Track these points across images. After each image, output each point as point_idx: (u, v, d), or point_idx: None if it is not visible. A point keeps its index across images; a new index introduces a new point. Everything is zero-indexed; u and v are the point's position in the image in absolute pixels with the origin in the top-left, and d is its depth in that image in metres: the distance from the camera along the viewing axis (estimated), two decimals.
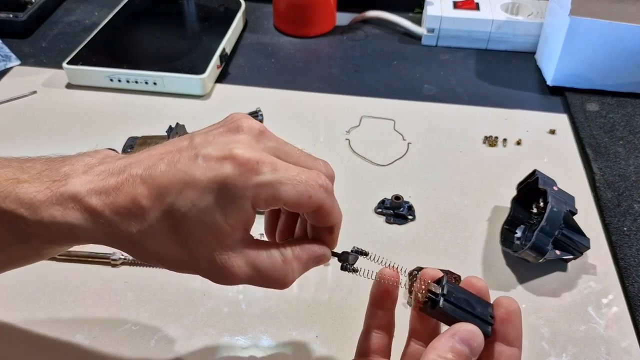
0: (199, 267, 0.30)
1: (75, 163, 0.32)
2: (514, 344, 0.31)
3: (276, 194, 0.28)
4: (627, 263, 0.53)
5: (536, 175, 0.54)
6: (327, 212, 0.31)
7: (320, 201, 0.30)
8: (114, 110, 0.72)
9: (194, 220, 0.28)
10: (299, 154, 0.32)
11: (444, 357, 0.28)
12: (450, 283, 0.31)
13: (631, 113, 0.71)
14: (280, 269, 0.31)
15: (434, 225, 0.57)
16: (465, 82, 0.79)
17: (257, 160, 0.28)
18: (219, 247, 0.29)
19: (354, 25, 0.91)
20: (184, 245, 0.29)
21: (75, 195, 0.29)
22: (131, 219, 0.29)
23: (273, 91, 0.76)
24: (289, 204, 0.29)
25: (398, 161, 0.65)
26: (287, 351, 0.46)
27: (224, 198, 0.28)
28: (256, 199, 0.28)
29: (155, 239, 0.29)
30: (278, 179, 0.28)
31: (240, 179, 0.28)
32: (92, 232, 0.30)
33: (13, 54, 0.81)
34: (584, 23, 0.69)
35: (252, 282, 0.30)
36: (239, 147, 0.28)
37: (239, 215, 0.29)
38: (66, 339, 0.46)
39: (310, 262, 0.32)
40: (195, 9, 0.89)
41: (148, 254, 0.30)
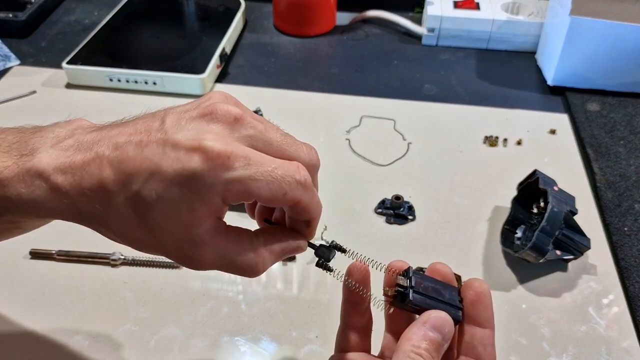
0: (167, 252, 0.29)
1: (45, 135, 0.31)
2: (486, 325, 0.31)
3: (248, 190, 0.27)
4: (627, 263, 0.53)
5: (536, 175, 0.54)
6: (304, 208, 0.30)
7: (295, 198, 0.29)
8: (113, 110, 0.72)
9: (159, 210, 0.27)
10: (279, 142, 0.29)
11: (417, 346, 0.28)
12: (416, 273, 0.31)
13: (632, 113, 0.71)
14: (250, 260, 0.30)
15: (434, 225, 0.57)
16: (466, 82, 0.78)
17: (228, 154, 0.26)
18: (186, 236, 0.28)
19: (354, 25, 0.91)
20: (150, 232, 0.28)
21: (41, 172, 0.29)
22: (96, 201, 0.28)
23: (273, 91, 0.76)
24: (262, 200, 0.28)
25: (398, 161, 0.65)
26: (287, 351, 0.46)
27: (191, 192, 0.27)
28: (226, 194, 0.27)
29: (121, 222, 0.28)
30: (250, 175, 0.27)
31: (209, 175, 0.26)
32: (59, 210, 0.29)
33: (12, 53, 0.81)
34: (584, 23, 0.69)
35: (220, 269, 0.30)
36: (210, 139, 0.27)
37: (207, 209, 0.27)
38: (66, 339, 0.46)
39: (283, 254, 0.31)
40: (195, 9, 0.89)
41: (114, 234, 0.29)
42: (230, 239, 0.29)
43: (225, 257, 0.29)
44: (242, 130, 0.28)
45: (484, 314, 0.31)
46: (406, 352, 0.28)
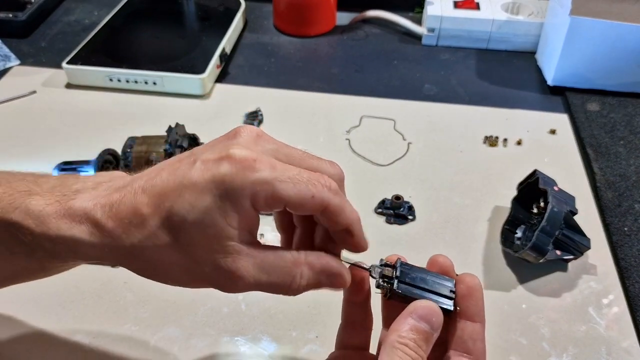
0: (204, 274, 0.29)
1: (86, 181, 0.32)
2: (476, 320, 0.31)
3: (276, 192, 0.28)
4: (627, 263, 0.53)
5: (536, 175, 0.54)
6: (336, 212, 0.30)
7: (324, 200, 0.29)
8: (113, 110, 0.72)
9: (194, 222, 0.28)
10: (301, 155, 0.31)
11: (404, 336, 0.28)
12: (405, 265, 0.31)
13: (632, 113, 0.71)
14: (288, 270, 0.30)
15: (434, 225, 0.57)
16: (466, 82, 0.78)
17: (254, 158, 0.28)
18: (223, 249, 0.28)
19: (354, 25, 0.91)
20: (185, 252, 0.29)
21: (83, 209, 0.30)
22: (133, 229, 0.29)
23: (273, 91, 0.76)
24: (291, 203, 0.28)
25: (398, 161, 0.65)
26: (287, 351, 0.46)
27: (222, 197, 0.27)
28: (255, 197, 0.28)
29: (157, 247, 0.29)
30: (277, 177, 0.28)
31: (238, 176, 0.27)
32: (96, 246, 0.30)
33: (12, 53, 0.81)
34: (584, 23, 0.69)
35: (259, 284, 0.29)
36: (236, 148, 0.28)
37: (240, 216, 0.28)
38: (66, 339, 0.46)
39: (324, 275, 0.31)
40: (195, 9, 0.89)
41: (152, 267, 0.30)
42: (267, 250, 0.30)
43: (263, 268, 0.29)
44: (265, 145, 0.30)
45: (475, 307, 0.31)
46: (392, 343, 0.28)
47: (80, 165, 0.58)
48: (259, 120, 0.70)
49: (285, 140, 0.72)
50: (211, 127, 0.69)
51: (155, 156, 0.54)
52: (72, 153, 0.62)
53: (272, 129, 0.69)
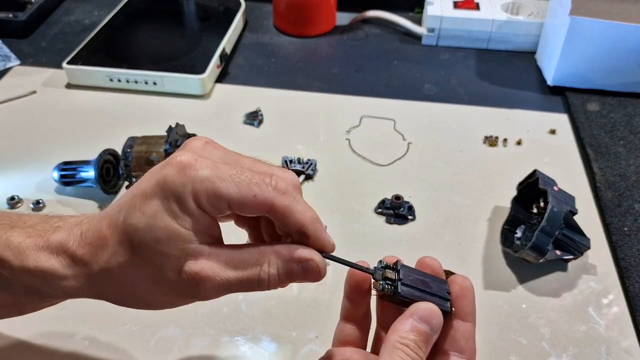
0: (170, 284, 0.29)
1: (69, 219, 0.33)
2: (468, 319, 0.31)
3: (216, 189, 0.28)
4: (627, 263, 0.53)
5: (536, 175, 0.54)
6: (284, 213, 0.29)
7: (267, 199, 0.28)
8: (113, 110, 0.72)
9: (146, 228, 0.28)
10: (251, 161, 0.31)
11: (405, 337, 0.29)
12: (405, 267, 0.32)
13: (632, 113, 0.71)
14: (254, 261, 0.29)
15: (434, 225, 0.57)
16: (466, 82, 0.78)
17: (194, 159, 0.28)
18: (182, 253, 0.28)
19: (354, 25, 0.91)
20: (147, 263, 0.29)
21: (59, 241, 0.31)
22: (99, 252, 0.30)
23: (273, 91, 0.76)
24: (234, 203, 0.28)
25: (398, 161, 0.65)
26: (287, 351, 0.46)
27: (167, 198, 0.28)
28: (197, 195, 0.28)
29: (121, 266, 0.29)
30: (217, 175, 0.28)
31: (178, 176, 0.28)
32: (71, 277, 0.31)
33: (13, 53, 0.81)
34: (584, 23, 0.69)
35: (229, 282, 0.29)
36: (179, 154, 0.29)
37: (191, 217, 0.28)
38: (66, 339, 0.46)
39: (294, 263, 0.30)
40: (195, 9, 0.89)
41: (122, 289, 0.30)
42: (232, 248, 0.30)
43: (228, 264, 0.29)
44: (213, 151, 0.30)
45: (467, 307, 0.31)
46: (393, 343, 0.28)
47: (80, 165, 0.58)
48: (259, 120, 0.70)
49: (286, 140, 0.73)
50: (211, 127, 0.69)
51: (155, 156, 0.54)
52: (72, 153, 0.62)
53: (272, 129, 0.69)
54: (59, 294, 0.32)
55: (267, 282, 0.30)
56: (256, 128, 0.69)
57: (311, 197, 0.60)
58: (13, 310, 0.35)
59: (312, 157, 0.64)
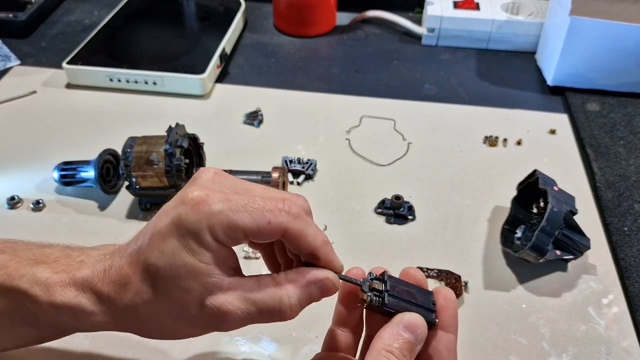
0: (194, 319, 0.30)
1: (92, 252, 0.34)
2: (450, 330, 0.32)
3: (231, 221, 0.28)
4: (627, 263, 0.53)
5: (536, 175, 0.54)
6: (297, 237, 0.30)
7: (282, 225, 0.29)
8: (113, 110, 0.72)
9: (167, 267, 0.29)
10: (261, 189, 0.31)
11: (389, 345, 0.29)
12: (392, 277, 0.32)
13: (632, 113, 0.71)
14: (272, 294, 0.30)
15: (434, 225, 0.57)
16: (466, 82, 0.78)
17: (205, 195, 0.29)
18: (204, 288, 0.29)
19: (354, 25, 0.91)
20: (169, 300, 0.30)
21: (85, 278, 0.31)
22: (122, 290, 0.30)
23: (273, 91, 0.76)
24: (249, 231, 0.29)
25: (398, 161, 0.65)
26: (287, 351, 0.46)
27: (184, 236, 0.29)
28: (213, 229, 0.28)
29: (145, 303, 0.30)
30: (230, 207, 0.29)
31: (192, 214, 0.28)
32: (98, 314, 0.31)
33: (13, 53, 0.81)
34: (584, 23, 0.69)
35: (251, 316, 0.30)
36: (191, 190, 0.29)
37: (209, 251, 0.29)
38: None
39: (311, 287, 0.31)
40: (195, 9, 0.89)
41: (148, 324, 0.31)
42: (250, 280, 0.30)
43: (248, 299, 0.30)
44: (223, 181, 0.31)
45: (450, 319, 0.32)
46: (378, 350, 0.29)
47: (80, 165, 0.58)
48: (259, 120, 0.70)
49: (285, 140, 0.73)
50: (211, 127, 0.69)
51: (155, 156, 0.54)
52: (72, 153, 0.62)
53: (272, 129, 0.69)
54: (86, 328, 0.33)
55: (289, 313, 0.31)
56: (256, 128, 0.69)
57: (311, 197, 0.59)
58: (34, 343, 0.36)
59: (312, 157, 0.64)
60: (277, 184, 0.55)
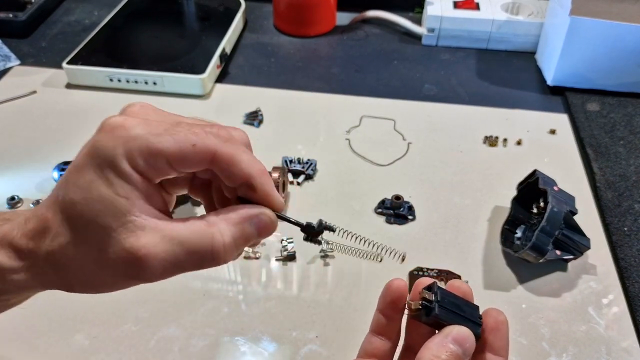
0: (113, 263, 0.26)
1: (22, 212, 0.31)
2: (501, 353, 0.32)
3: (151, 145, 0.25)
4: (627, 263, 0.53)
5: (536, 175, 0.54)
6: (228, 161, 0.27)
7: (209, 148, 0.26)
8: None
9: (83, 202, 0.26)
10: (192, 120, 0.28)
11: (438, 356, 0.29)
12: (441, 289, 0.32)
13: (632, 113, 0.71)
14: (203, 232, 0.27)
15: (434, 225, 0.57)
16: (466, 82, 0.78)
17: (123, 119, 0.26)
18: (123, 227, 0.26)
19: (354, 25, 0.91)
20: (89, 240, 0.26)
21: (5, 234, 0.29)
22: (42, 237, 0.28)
23: (273, 91, 0.76)
24: (172, 157, 0.26)
25: (398, 161, 0.65)
26: (287, 351, 0.46)
27: (100, 165, 0.26)
28: (130, 155, 0.25)
29: (63, 248, 0.27)
30: (150, 131, 0.26)
31: (108, 139, 0.26)
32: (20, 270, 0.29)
33: (13, 53, 0.81)
34: (584, 23, 0.69)
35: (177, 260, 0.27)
36: (111, 117, 0.27)
37: (128, 183, 0.26)
38: (66, 339, 0.46)
39: (246, 224, 0.28)
40: (195, 9, 0.89)
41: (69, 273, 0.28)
42: (177, 221, 0.27)
43: (174, 239, 0.26)
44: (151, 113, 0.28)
45: (501, 342, 0.31)
46: None
47: None
48: (259, 120, 0.70)
49: (286, 140, 0.73)
50: None
51: None
52: (72, 153, 0.62)
53: (272, 129, 0.69)
54: (11, 288, 0.30)
55: (222, 253, 0.27)
56: (256, 128, 0.69)
57: (311, 197, 0.60)
58: None
59: (312, 157, 0.64)
60: (277, 184, 0.55)
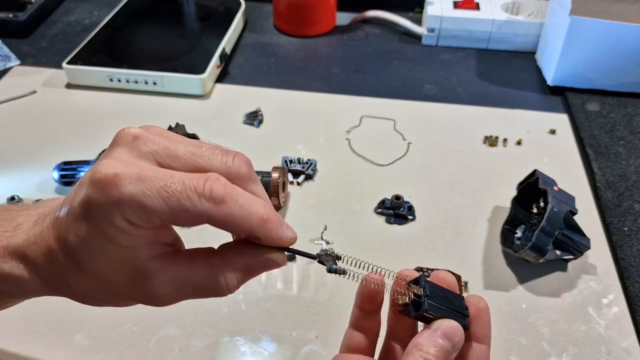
0: (126, 295, 0.28)
1: (30, 212, 0.31)
2: (483, 341, 0.31)
3: (144, 207, 0.25)
4: (627, 263, 0.53)
5: (536, 175, 0.54)
6: (225, 223, 0.26)
7: (202, 214, 0.26)
8: (113, 110, 0.72)
9: (85, 251, 0.27)
10: (187, 155, 0.27)
11: (426, 351, 0.29)
12: (428, 282, 0.31)
13: (632, 113, 0.71)
14: (209, 279, 0.28)
15: (434, 225, 0.57)
16: (466, 82, 0.78)
17: (114, 173, 0.25)
18: (131, 271, 0.27)
19: (354, 25, 0.91)
20: (97, 278, 0.28)
21: (17, 247, 0.29)
22: (52, 263, 0.29)
23: (273, 91, 0.76)
24: (165, 219, 0.26)
25: (398, 161, 0.65)
26: (287, 351, 0.46)
27: (96, 221, 0.26)
28: (124, 214, 0.25)
29: (74, 277, 0.28)
30: (142, 192, 0.25)
31: (100, 197, 0.25)
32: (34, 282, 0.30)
33: (13, 53, 0.81)
34: (584, 23, 0.69)
35: (185, 297, 0.28)
36: (102, 164, 0.26)
37: (125, 235, 0.26)
38: (66, 339, 0.46)
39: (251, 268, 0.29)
40: (195, 9, 0.89)
41: (82, 294, 0.30)
42: (181, 262, 0.28)
43: (180, 283, 0.28)
44: (143, 147, 0.27)
45: (483, 329, 0.31)
46: (414, 355, 0.28)
47: (80, 165, 0.58)
48: (259, 120, 0.70)
49: (286, 140, 0.72)
50: (211, 127, 0.69)
51: None
52: (72, 153, 0.62)
53: (272, 129, 0.69)
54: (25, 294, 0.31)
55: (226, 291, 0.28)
56: (256, 128, 0.69)
57: (311, 197, 0.60)
58: None
59: (312, 157, 0.64)
60: (277, 184, 0.55)
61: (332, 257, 0.31)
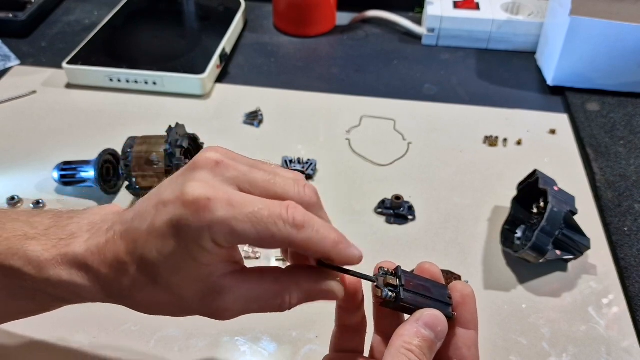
0: (192, 310, 0.30)
1: (81, 221, 0.33)
2: (470, 327, 0.31)
3: (234, 232, 0.27)
4: (627, 263, 0.53)
5: (536, 175, 0.54)
6: (303, 247, 0.28)
7: (286, 239, 0.28)
8: (113, 110, 0.72)
9: (166, 267, 0.28)
10: (265, 181, 0.29)
11: (409, 342, 0.29)
12: (405, 272, 0.31)
13: (632, 113, 0.71)
14: (275, 295, 0.30)
15: (434, 225, 0.57)
16: (466, 82, 0.78)
17: (207, 196, 0.27)
18: (204, 287, 0.29)
19: (354, 25, 0.91)
20: (168, 291, 0.29)
21: (78, 255, 0.31)
22: (119, 275, 0.30)
23: (273, 91, 0.76)
24: (253, 242, 0.28)
25: (398, 161, 0.65)
26: (287, 351, 0.46)
27: (184, 240, 0.27)
28: (215, 237, 0.27)
29: (142, 290, 0.30)
30: (233, 216, 0.27)
31: (193, 219, 0.27)
32: (94, 291, 0.31)
33: (12, 53, 0.81)
34: (584, 23, 0.69)
35: (250, 312, 0.30)
36: (191, 186, 0.27)
37: (208, 254, 0.28)
38: (66, 339, 0.46)
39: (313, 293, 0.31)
40: (195, 9, 0.89)
41: (144, 305, 0.31)
42: (252, 279, 0.30)
43: (251, 298, 0.30)
44: (225, 173, 0.29)
45: (469, 315, 0.31)
46: (398, 348, 0.28)
47: (80, 165, 0.58)
48: (259, 120, 0.70)
49: (285, 140, 0.73)
50: (211, 127, 0.69)
51: (155, 156, 0.54)
52: (72, 153, 0.62)
53: (272, 129, 0.69)
54: (86, 299, 0.32)
55: (287, 308, 0.31)
56: (256, 128, 0.69)
57: None
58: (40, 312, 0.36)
59: (312, 157, 0.64)
60: None
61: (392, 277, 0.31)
